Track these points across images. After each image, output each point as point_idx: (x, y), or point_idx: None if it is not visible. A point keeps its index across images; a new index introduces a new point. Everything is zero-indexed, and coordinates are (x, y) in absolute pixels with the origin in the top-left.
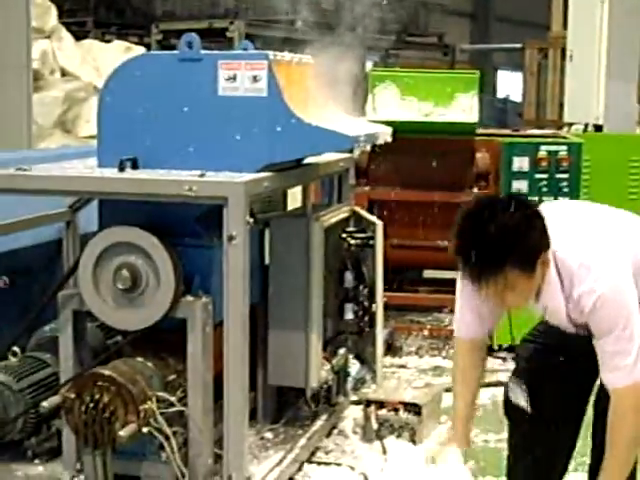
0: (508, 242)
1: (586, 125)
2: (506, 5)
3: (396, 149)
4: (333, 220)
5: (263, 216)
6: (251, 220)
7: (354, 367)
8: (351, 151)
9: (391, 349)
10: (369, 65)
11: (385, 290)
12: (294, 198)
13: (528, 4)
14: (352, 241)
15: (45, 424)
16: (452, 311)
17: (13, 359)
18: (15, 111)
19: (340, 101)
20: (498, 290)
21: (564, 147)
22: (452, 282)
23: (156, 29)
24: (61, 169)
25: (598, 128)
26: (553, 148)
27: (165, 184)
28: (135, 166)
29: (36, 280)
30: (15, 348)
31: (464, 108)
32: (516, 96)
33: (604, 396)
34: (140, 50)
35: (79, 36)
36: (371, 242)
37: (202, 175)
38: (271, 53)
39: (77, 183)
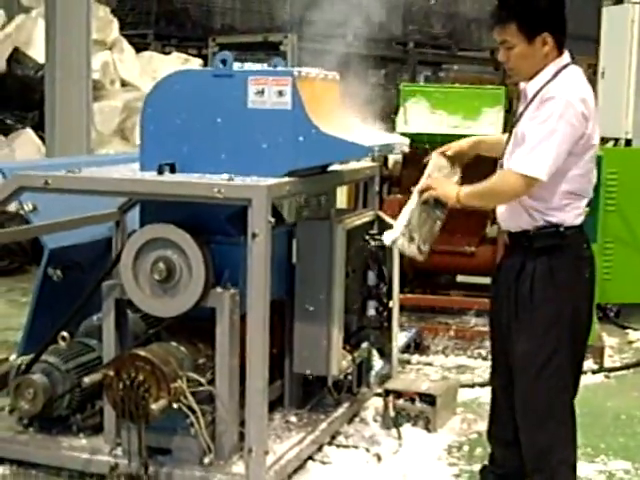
0: (519, 4)
1: (616, 140)
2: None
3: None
4: (356, 223)
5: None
6: (273, 220)
7: (378, 362)
8: (384, 161)
9: (419, 348)
10: (421, 79)
11: (417, 293)
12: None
13: (586, 19)
14: (373, 242)
15: (89, 402)
16: (478, 314)
17: (62, 343)
18: (76, 119)
19: (378, 113)
20: (504, 44)
21: None
22: (480, 287)
23: (213, 42)
24: (107, 172)
25: (628, 143)
26: None
27: (197, 186)
28: (173, 170)
29: (87, 275)
30: (64, 334)
31: (490, 122)
32: None
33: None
34: (197, 62)
35: (140, 48)
36: None
37: (230, 179)
38: (296, 70)
39: (119, 185)
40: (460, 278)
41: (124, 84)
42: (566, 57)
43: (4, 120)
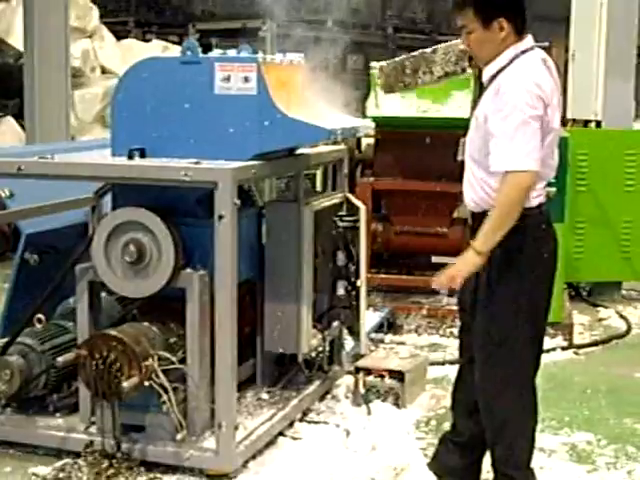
0: None
1: (587, 121)
2: (546, 3)
3: (398, 143)
4: (324, 205)
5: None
6: (238, 202)
7: (350, 341)
8: (357, 144)
9: (392, 327)
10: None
11: (392, 273)
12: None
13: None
14: (341, 224)
15: (65, 383)
16: (450, 294)
17: (38, 326)
18: (55, 107)
19: (355, 98)
20: (463, 29)
21: None
22: None
23: (193, 29)
24: (79, 158)
25: (598, 124)
26: None
27: (165, 170)
28: (143, 155)
29: (63, 259)
30: (40, 316)
31: (459, 105)
32: None
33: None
34: (177, 49)
35: (121, 35)
36: (357, 224)
37: (197, 163)
38: (261, 56)
39: (90, 169)
40: (435, 259)
41: (104, 71)
42: (527, 42)
43: None
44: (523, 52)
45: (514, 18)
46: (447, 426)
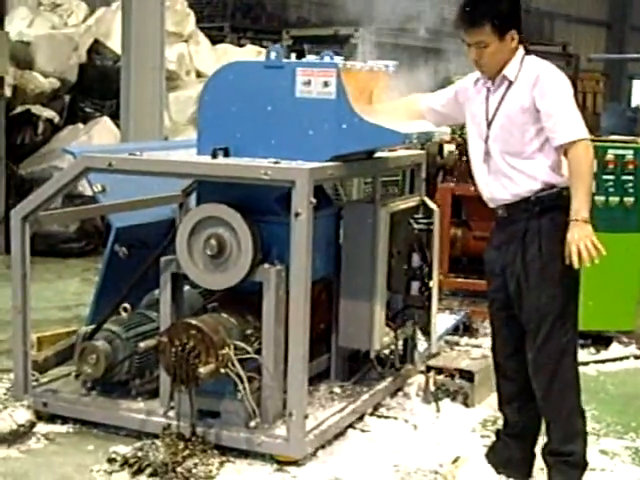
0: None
1: None
2: None
3: None
4: (400, 207)
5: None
6: (314, 200)
7: (424, 341)
8: (440, 151)
9: (468, 330)
10: None
11: (470, 278)
12: None
13: None
14: (416, 226)
15: (148, 370)
16: None
17: (124, 314)
18: (149, 108)
19: None
20: (479, 44)
21: (630, 151)
22: None
23: (287, 35)
24: (166, 155)
25: None
26: (620, 152)
27: (245, 169)
28: (227, 154)
29: (151, 253)
30: (126, 305)
31: None
32: None
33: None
34: None
35: (216, 40)
36: (431, 227)
37: (276, 162)
38: (341, 62)
39: (176, 167)
40: None
41: (199, 75)
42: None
43: (83, 108)
44: (525, 54)
45: (520, 28)
46: None
